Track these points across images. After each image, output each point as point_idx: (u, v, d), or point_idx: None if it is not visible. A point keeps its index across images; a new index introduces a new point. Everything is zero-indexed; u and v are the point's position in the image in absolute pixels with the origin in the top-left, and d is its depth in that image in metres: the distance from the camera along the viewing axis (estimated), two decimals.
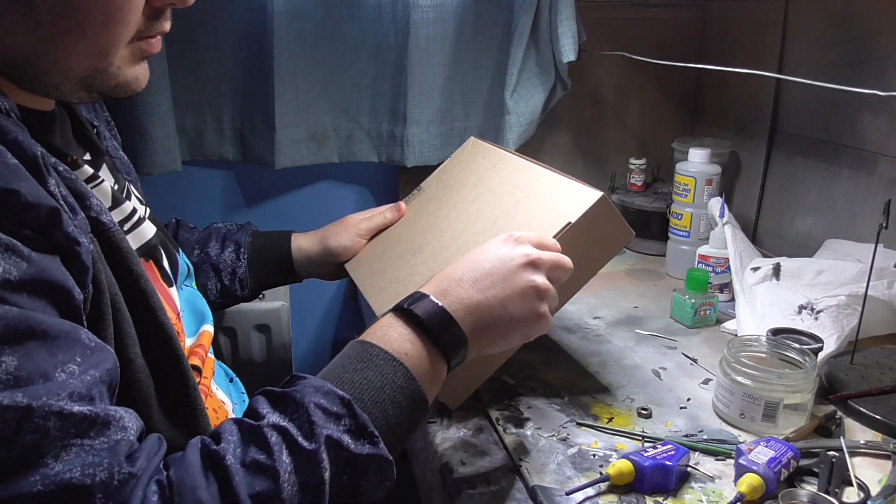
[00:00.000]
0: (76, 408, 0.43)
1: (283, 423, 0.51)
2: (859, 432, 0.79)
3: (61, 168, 0.52)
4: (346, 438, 0.52)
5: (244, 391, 0.85)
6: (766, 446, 0.69)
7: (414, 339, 0.60)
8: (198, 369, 0.69)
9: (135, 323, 0.56)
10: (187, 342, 0.72)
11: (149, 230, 0.69)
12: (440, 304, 0.62)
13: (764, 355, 0.83)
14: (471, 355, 0.64)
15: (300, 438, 0.50)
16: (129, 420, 0.47)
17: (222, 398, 0.76)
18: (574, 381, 0.89)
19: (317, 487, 0.50)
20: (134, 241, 0.65)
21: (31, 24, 0.50)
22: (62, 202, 0.48)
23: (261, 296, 1.31)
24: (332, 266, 0.98)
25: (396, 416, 0.56)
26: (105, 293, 0.52)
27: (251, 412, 0.53)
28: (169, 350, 0.58)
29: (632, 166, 1.42)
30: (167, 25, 0.58)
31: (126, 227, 0.65)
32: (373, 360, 0.58)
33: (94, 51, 0.53)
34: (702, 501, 0.68)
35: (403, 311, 0.62)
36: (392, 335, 0.60)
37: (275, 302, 1.23)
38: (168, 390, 0.58)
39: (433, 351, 0.60)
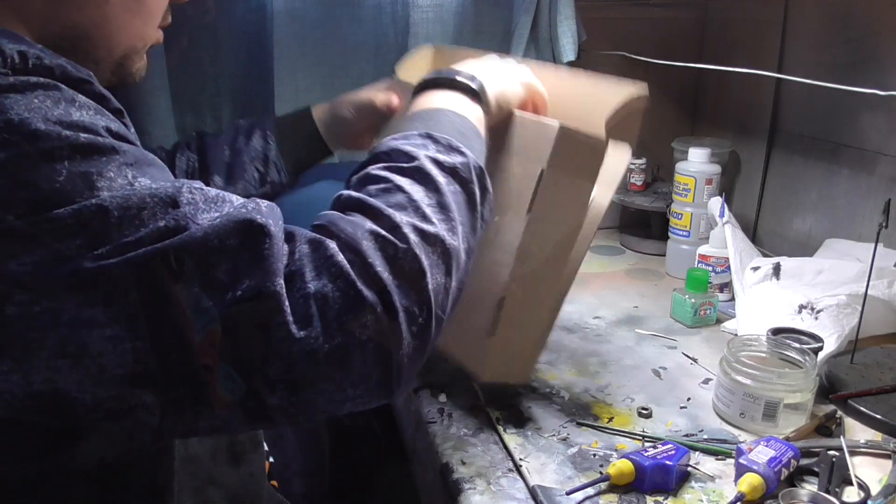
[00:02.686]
0: (207, 188, 0.48)
1: (380, 166, 0.56)
2: (859, 432, 0.79)
3: None
4: (441, 155, 0.56)
5: None
6: (767, 446, 0.69)
7: (424, 98, 0.66)
8: None
9: None
10: None
11: None
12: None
13: (764, 355, 0.83)
14: (475, 72, 0.68)
15: (403, 164, 0.55)
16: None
17: None
18: (574, 381, 0.89)
19: (437, 189, 0.54)
20: None
21: None
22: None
23: None
24: (359, 125, 0.96)
25: (465, 140, 0.60)
26: None
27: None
28: None
29: (632, 166, 1.42)
30: (169, 18, 0.63)
31: None
32: (410, 120, 0.62)
33: (141, 30, 0.59)
34: (702, 501, 0.68)
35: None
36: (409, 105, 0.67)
37: None
38: None
39: (443, 93, 0.66)
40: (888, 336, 0.98)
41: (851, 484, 0.69)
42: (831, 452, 0.72)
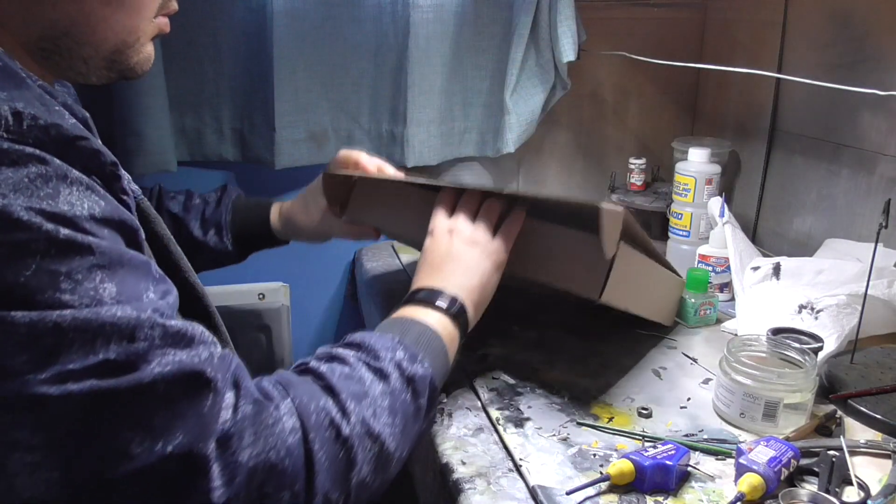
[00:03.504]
0: (170, 322, 0.48)
1: (351, 353, 0.61)
2: (859, 431, 0.79)
3: None
4: (405, 362, 0.62)
5: None
6: (767, 446, 0.69)
7: (408, 309, 0.72)
8: None
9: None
10: None
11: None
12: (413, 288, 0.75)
13: (764, 355, 0.83)
14: (457, 290, 0.74)
15: (370, 360, 0.60)
16: (210, 336, 0.51)
17: None
18: (574, 381, 0.89)
19: (392, 393, 0.59)
20: None
21: None
22: None
23: (261, 296, 1.31)
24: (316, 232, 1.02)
25: (430, 356, 0.66)
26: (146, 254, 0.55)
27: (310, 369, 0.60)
28: (201, 308, 0.63)
29: (632, 166, 1.42)
30: (175, 5, 0.63)
31: None
32: (390, 325, 0.69)
33: (128, 23, 0.57)
34: (702, 501, 0.68)
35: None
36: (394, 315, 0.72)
37: (275, 302, 1.23)
38: None
39: (425, 309, 0.72)
40: (888, 336, 0.98)
41: (851, 484, 0.69)
42: (831, 452, 0.72)
